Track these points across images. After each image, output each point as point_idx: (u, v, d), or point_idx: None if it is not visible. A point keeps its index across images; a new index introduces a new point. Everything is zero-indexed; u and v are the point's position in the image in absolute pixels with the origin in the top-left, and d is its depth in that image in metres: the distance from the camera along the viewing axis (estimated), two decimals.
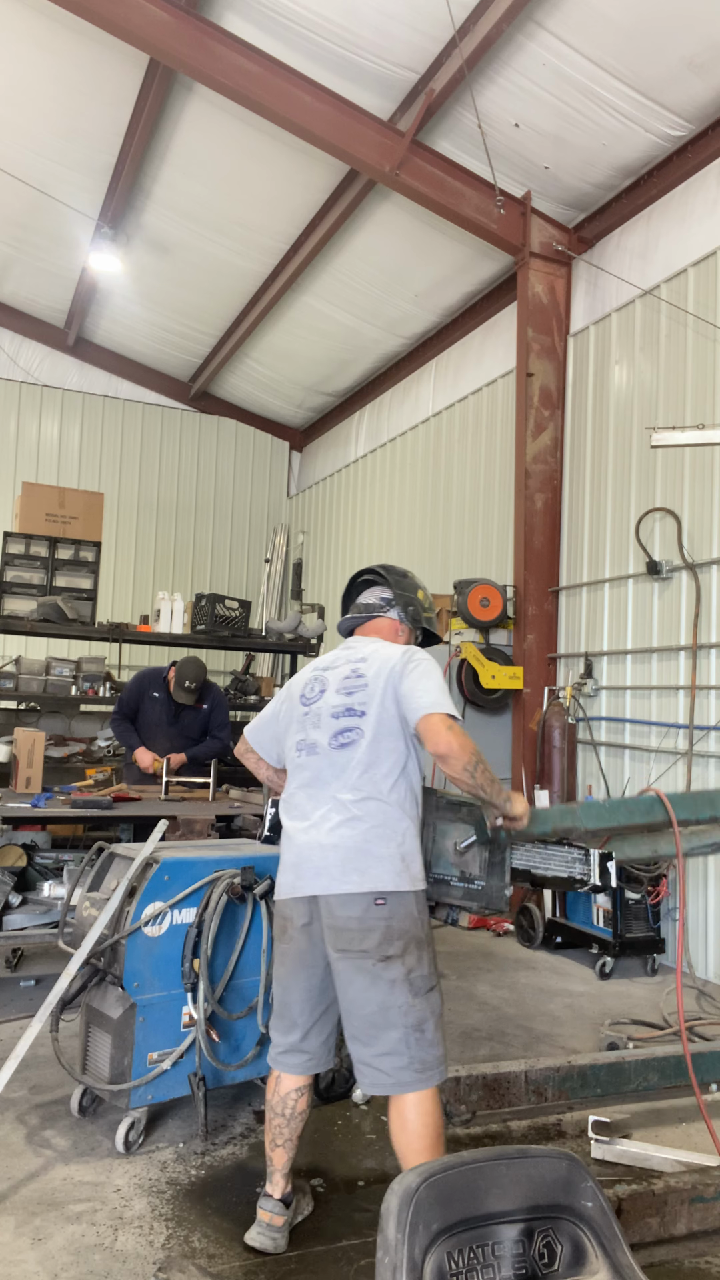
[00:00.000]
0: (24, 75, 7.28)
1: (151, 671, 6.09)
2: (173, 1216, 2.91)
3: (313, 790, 2.77)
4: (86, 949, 3.34)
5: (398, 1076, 2.61)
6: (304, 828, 2.74)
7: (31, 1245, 2.73)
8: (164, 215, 8.71)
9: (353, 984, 2.62)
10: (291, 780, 2.88)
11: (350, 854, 2.63)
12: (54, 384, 11.81)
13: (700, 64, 5.76)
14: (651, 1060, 3.66)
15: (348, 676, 2.84)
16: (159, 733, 5.91)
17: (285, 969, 2.81)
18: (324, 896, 2.65)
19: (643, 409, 6.71)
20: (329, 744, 2.77)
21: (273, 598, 12.80)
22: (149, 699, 5.92)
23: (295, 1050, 2.80)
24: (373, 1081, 2.64)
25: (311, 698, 2.88)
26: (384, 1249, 1.72)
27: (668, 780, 6.14)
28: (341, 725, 2.77)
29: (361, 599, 3.17)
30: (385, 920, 2.60)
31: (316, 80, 6.59)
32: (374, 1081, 2.63)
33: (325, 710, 2.82)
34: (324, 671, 2.93)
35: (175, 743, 5.89)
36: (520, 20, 5.75)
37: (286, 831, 2.81)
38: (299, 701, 2.92)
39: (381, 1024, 2.60)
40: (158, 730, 5.91)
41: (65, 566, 7.78)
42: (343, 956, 2.62)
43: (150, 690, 5.94)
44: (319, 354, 10.73)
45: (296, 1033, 2.79)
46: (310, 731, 2.83)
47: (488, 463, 8.57)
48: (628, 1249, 1.84)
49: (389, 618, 3.09)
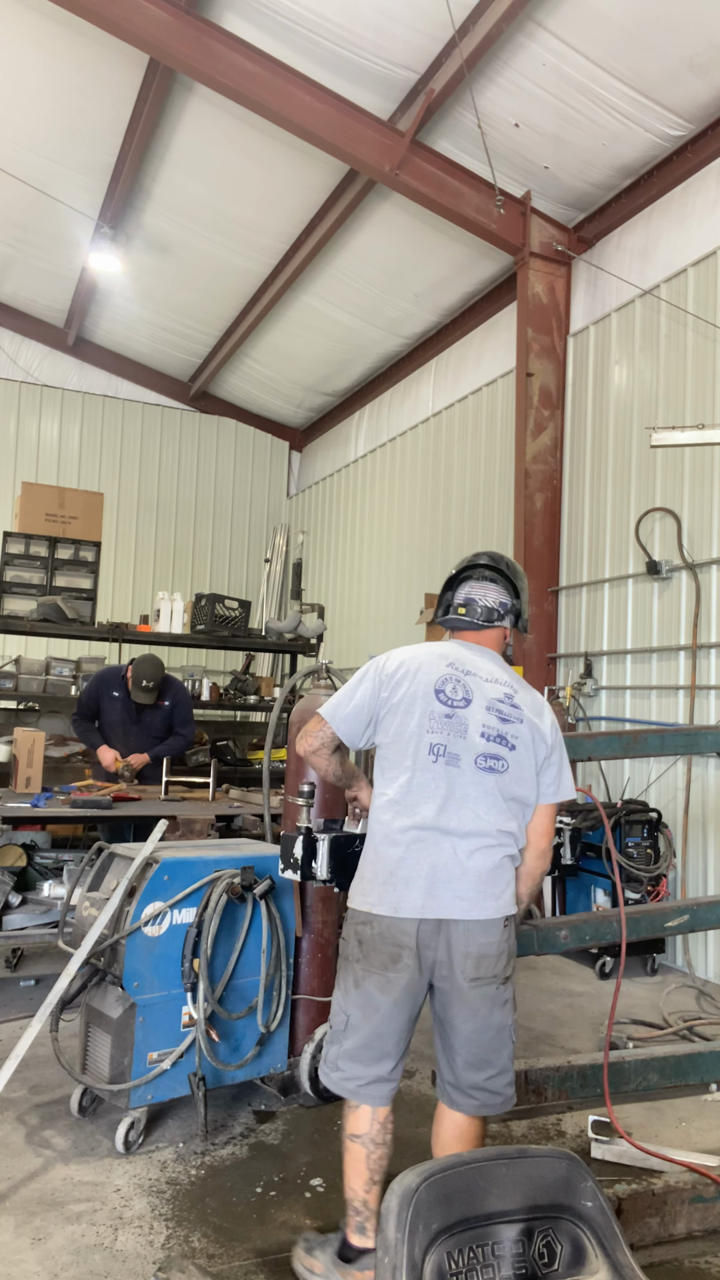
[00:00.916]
0: (24, 75, 7.28)
1: (110, 671, 6.07)
2: (173, 1216, 2.91)
3: (449, 804, 2.54)
4: (86, 949, 3.34)
5: (505, 1094, 2.61)
6: (434, 842, 2.52)
7: (31, 1245, 2.73)
8: (164, 215, 8.71)
9: (478, 1012, 2.52)
10: (413, 781, 2.57)
11: (487, 878, 2.52)
12: (54, 384, 11.81)
13: (700, 64, 5.76)
14: (651, 1060, 3.66)
15: (501, 701, 2.65)
16: (122, 731, 5.88)
17: (389, 998, 2.52)
18: (463, 921, 2.50)
19: (643, 409, 6.71)
20: (474, 762, 2.57)
21: (272, 598, 12.80)
22: (109, 698, 5.88)
23: (384, 1080, 2.58)
24: (483, 1103, 2.58)
25: (454, 700, 2.62)
26: (384, 1249, 1.72)
27: (667, 780, 6.15)
28: (491, 750, 2.59)
29: (480, 598, 2.82)
30: (508, 942, 2.57)
31: (316, 80, 6.59)
32: (484, 1103, 2.58)
33: (474, 724, 2.60)
34: (465, 675, 2.66)
35: (139, 741, 5.86)
36: (520, 20, 5.75)
37: (404, 840, 2.53)
38: (435, 697, 2.61)
39: (498, 1045, 2.57)
40: (120, 729, 5.88)
41: (65, 566, 7.78)
42: (476, 985, 2.50)
43: (110, 690, 5.89)
44: (319, 354, 10.73)
45: (388, 1063, 2.57)
46: (452, 738, 2.58)
47: (488, 463, 8.57)
48: (628, 1249, 1.84)
49: (504, 627, 2.86)
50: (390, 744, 2.63)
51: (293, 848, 2.79)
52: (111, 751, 5.76)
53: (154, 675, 5.75)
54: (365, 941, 2.55)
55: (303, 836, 2.78)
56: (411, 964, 2.50)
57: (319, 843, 2.78)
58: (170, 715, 5.98)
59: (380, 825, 2.59)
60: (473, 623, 2.81)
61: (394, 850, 2.53)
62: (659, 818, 5.86)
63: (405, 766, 2.58)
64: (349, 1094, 2.58)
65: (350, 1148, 2.57)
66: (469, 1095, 2.58)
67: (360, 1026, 2.56)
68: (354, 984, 2.57)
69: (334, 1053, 2.61)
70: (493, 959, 2.51)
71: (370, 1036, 2.55)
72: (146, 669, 5.75)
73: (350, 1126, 2.58)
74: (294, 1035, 3.76)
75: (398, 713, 2.62)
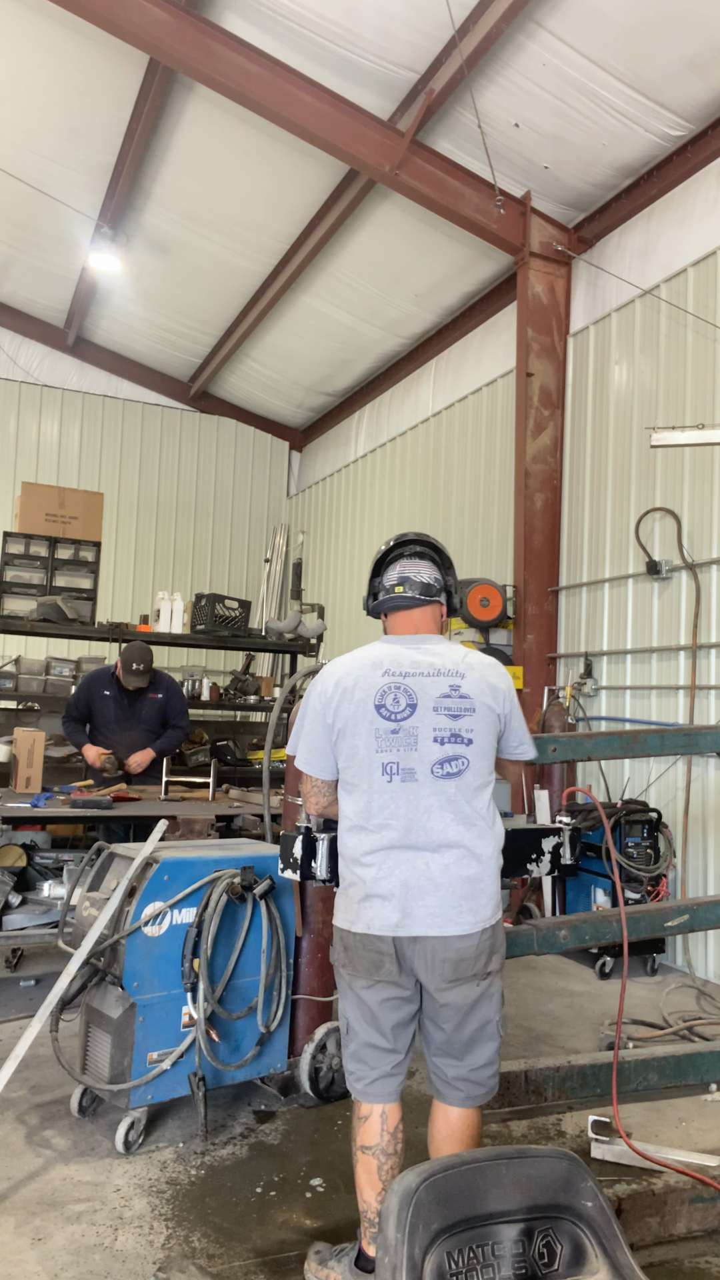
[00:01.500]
0: (24, 75, 7.28)
1: (98, 671, 6.09)
2: (173, 1216, 2.91)
3: (412, 820, 2.51)
4: (86, 949, 3.34)
5: (489, 1085, 2.63)
6: (405, 859, 2.50)
7: (31, 1245, 2.73)
8: (164, 215, 8.71)
9: (460, 1008, 2.53)
10: (372, 804, 2.54)
11: (464, 894, 2.50)
12: (54, 384, 11.81)
13: (700, 64, 5.76)
14: (651, 1060, 3.67)
15: (447, 695, 2.55)
16: (117, 728, 5.87)
17: (377, 999, 2.54)
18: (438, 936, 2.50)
19: (643, 409, 6.71)
20: (431, 772, 2.52)
21: (272, 597, 12.80)
22: (100, 698, 5.88)
23: (387, 1077, 2.58)
24: (468, 1095, 2.60)
25: (398, 713, 2.53)
26: (384, 1249, 1.72)
27: (667, 780, 6.15)
28: (447, 753, 2.53)
29: (415, 574, 2.71)
30: (491, 941, 2.57)
31: (316, 80, 6.59)
32: (469, 1095, 2.60)
33: (424, 733, 2.53)
34: (403, 679, 2.56)
35: (134, 736, 5.86)
36: (520, 20, 5.75)
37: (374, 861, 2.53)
38: (377, 714, 2.53)
39: (481, 1038, 2.58)
40: (115, 726, 5.87)
41: (65, 566, 7.77)
42: (454, 985, 2.51)
43: (100, 689, 5.89)
44: (319, 354, 10.73)
45: (396, 1056, 2.59)
46: (403, 753, 2.52)
47: (488, 463, 8.57)
48: (628, 1249, 1.84)
49: (439, 603, 2.74)
50: (345, 767, 2.60)
51: (292, 847, 2.79)
52: (95, 748, 5.75)
53: (142, 658, 5.76)
54: (350, 948, 2.58)
55: (302, 836, 2.78)
56: (393, 969, 2.52)
57: (319, 842, 2.78)
58: (164, 708, 5.97)
59: (348, 848, 2.59)
60: (414, 599, 2.69)
61: (366, 871, 2.53)
62: (659, 818, 5.86)
63: (362, 790, 2.55)
64: (358, 1094, 2.60)
65: (362, 1159, 2.56)
66: (454, 1087, 2.61)
67: (358, 1028, 2.59)
68: (347, 987, 2.61)
69: (344, 1056, 2.67)
70: (471, 960, 2.52)
71: (368, 1036, 2.58)
72: (134, 653, 5.76)
73: (361, 1138, 2.57)
74: (294, 1035, 3.76)
75: (345, 735, 2.57)
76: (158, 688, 5.96)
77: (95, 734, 5.92)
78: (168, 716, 5.99)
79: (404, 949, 2.51)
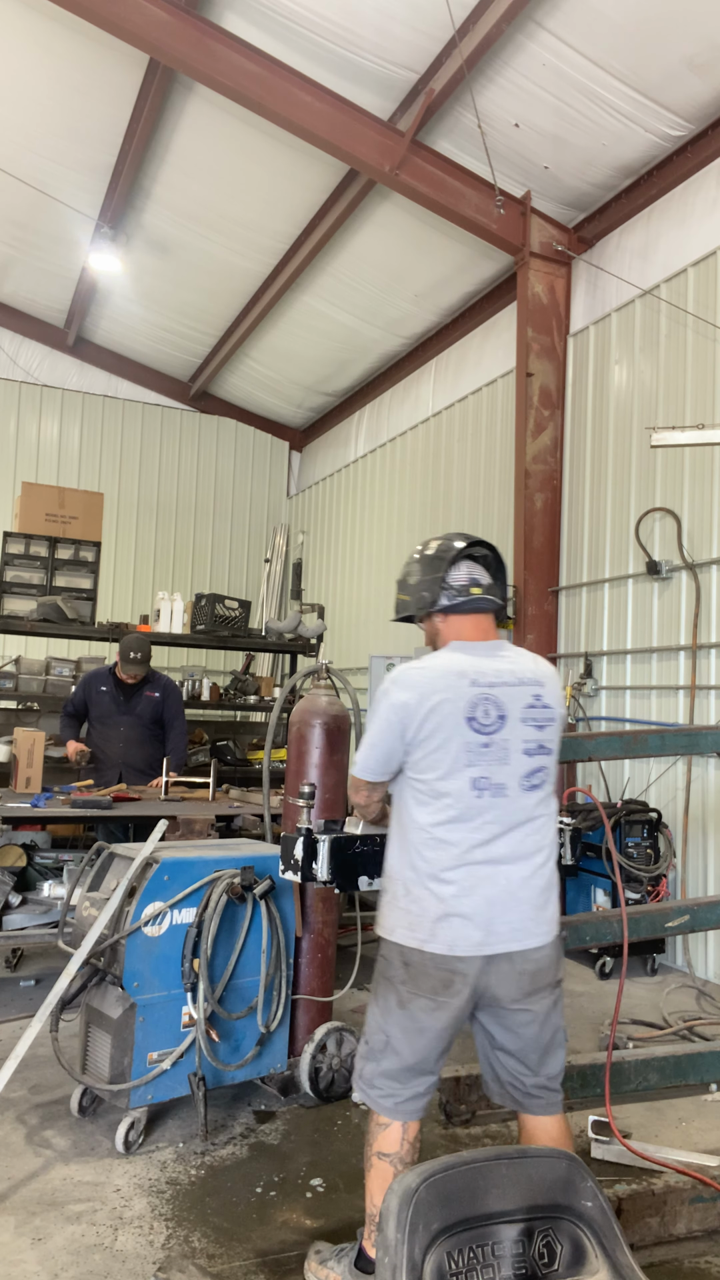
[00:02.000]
0: (24, 75, 7.27)
1: (96, 670, 6.21)
2: (173, 1216, 2.91)
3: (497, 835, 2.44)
4: (86, 949, 3.34)
5: (561, 1090, 2.62)
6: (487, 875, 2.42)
7: (31, 1245, 2.73)
8: (164, 215, 8.71)
9: (537, 1017, 2.49)
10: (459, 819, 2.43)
11: (540, 904, 2.48)
12: (54, 384, 11.81)
13: (700, 64, 5.76)
14: (651, 1060, 3.66)
15: (532, 705, 2.50)
16: (115, 723, 5.95)
17: (438, 1022, 2.43)
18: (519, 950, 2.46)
19: (643, 409, 6.71)
20: (519, 785, 2.46)
21: (273, 598, 12.80)
22: (97, 694, 5.98)
23: (421, 1096, 2.53)
24: (548, 1103, 2.58)
25: (489, 725, 2.44)
26: (384, 1249, 1.72)
27: (667, 780, 6.15)
28: (535, 765, 2.48)
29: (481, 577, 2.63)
30: (560, 949, 2.56)
31: (316, 80, 6.59)
32: (549, 1103, 2.58)
33: (514, 745, 2.45)
34: (490, 690, 2.47)
35: (132, 731, 5.94)
36: (520, 20, 5.75)
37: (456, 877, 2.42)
38: (468, 727, 2.43)
39: (553, 1045, 2.56)
40: (112, 721, 5.96)
41: (65, 566, 7.77)
42: (531, 996, 2.47)
43: (97, 686, 5.99)
44: (319, 354, 10.73)
45: (428, 1079, 2.52)
46: (494, 768, 2.43)
47: (488, 463, 8.57)
48: (628, 1249, 1.84)
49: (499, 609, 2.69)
50: (425, 778, 2.46)
51: (293, 849, 2.79)
52: (74, 744, 5.86)
53: (140, 647, 5.83)
54: (412, 965, 2.43)
55: (303, 838, 2.78)
56: (464, 988, 2.42)
57: (319, 844, 2.78)
58: (160, 706, 6.03)
59: (426, 862, 2.44)
60: (491, 602, 2.62)
61: (446, 888, 2.41)
62: (659, 818, 5.86)
63: (447, 804, 2.43)
64: (385, 1110, 2.51)
65: (377, 1164, 2.52)
66: (535, 1095, 2.57)
67: (402, 1048, 2.47)
68: (397, 1004, 2.46)
69: (370, 1070, 2.53)
70: (546, 969, 2.50)
71: (413, 1057, 2.47)
72: (133, 642, 5.84)
73: (379, 1144, 2.51)
74: (294, 1035, 3.76)
75: (426, 747, 2.44)
76: (154, 686, 6.03)
77: (92, 729, 5.99)
78: (163, 714, 6.02)
79: (480, 966, 2.43)
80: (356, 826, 2.87)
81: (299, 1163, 3.28)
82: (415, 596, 2.65)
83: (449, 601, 2.61)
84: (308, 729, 3.80)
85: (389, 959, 2.50)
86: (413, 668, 2.53)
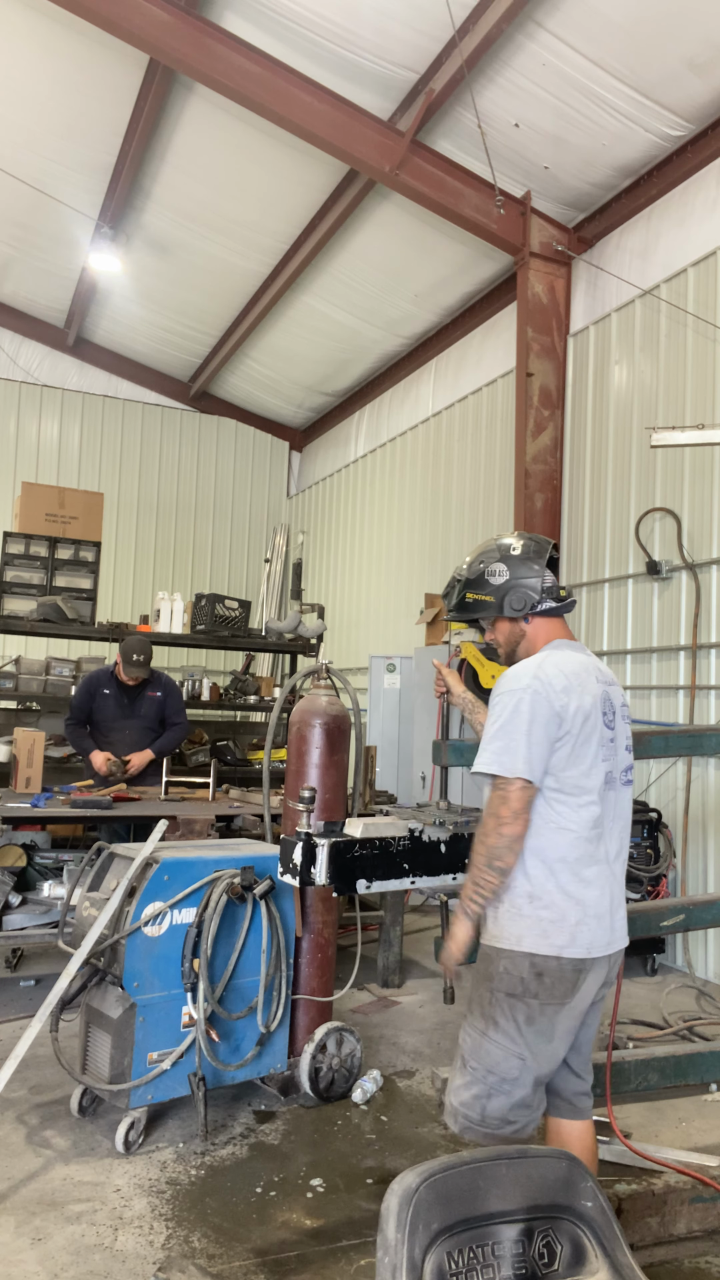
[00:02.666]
0: (24, 75, 7.28)
1: (97, 671, 6.15)
2: (173, 1216, 2.91)
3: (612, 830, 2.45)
4: (86, 949, 3.34)
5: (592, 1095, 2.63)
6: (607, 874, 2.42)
7: (31, 1245, 2.73)
8: (164, 215, 8.71)
9: (598, 1008, 2.52)
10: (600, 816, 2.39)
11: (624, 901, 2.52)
12: (54, 384, 11.82)
13: (700, 64, 5.76)
14: (651, 1060, 3.66)
15: (624, 704, 2.57)
16: (118, 726, 5.93)
17: (567, 1024, 2.38)
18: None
19: (643, 409, 6.71)
20: (621, 780, 2.49)
21: (273, 598, 12.80)
22: (100, 697, 5.95)
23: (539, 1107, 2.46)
24: (589, 1105, 2.59)
25: (610, 720, 2.46)
26: (384, 1249, 1.72)
27: (667, 780, 6.15)
28: (630, 760, 2.55)
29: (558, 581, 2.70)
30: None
31: (316, 80, 6.59)
32: (590, 1105, 2.59)
33: (621, 740, 2.50)
34: (608, 686, 2.51)
35: (135, 733, 5.91)
36: (520, 20, 5.75)
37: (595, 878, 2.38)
38: (602, 722, 2.42)
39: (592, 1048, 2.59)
40: (116, 724, 5.93)
41: (65, 566, 7.78)
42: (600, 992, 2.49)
43: (100, 689, 5.96)
44: (319, 354, 10.73)
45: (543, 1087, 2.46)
46: (613, 762, 2.46)
47: (488, 463, 8.57)
48: (628, 1249, 1.84)
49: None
50: (570, 773, 2.36)
51: (292, 853, 2.77)
52: (103, 754, 5.76)
53: (142, 649, 5.81)
54: (547, 973, 2.33)
55: (303, 842, 2.76)
56: (584, 986, 2.39)
57: (319, 848, 2.76)
58: (162, 705, 6.02)
59: (565, 865, 2.35)
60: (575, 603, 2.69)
61: (587, 891, 2.35)
62: (659, 818, 5.87)
63: (589, 801, 2.36)
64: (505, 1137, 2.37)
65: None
66: (576, 1101, 2.57)
67: (535, 1066, 2.36)
68: (526, 1021, 2.34)
69: (498, 1107, 2.36)
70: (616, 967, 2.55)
71: (548, 1067, 2.40)
72: (134, 644, 5.82)
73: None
74: (294, 1035, 3.76)
75: (572, 741, 2.35)
76: (156, 686, 6.03)
77: (94, 731, 5.97)
78: (166, 714, 6.03)
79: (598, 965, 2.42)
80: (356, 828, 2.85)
81: (299, 1163, 3.28)
82: (513, 596, 2.60)
83: (554, 603, 2.61)
84: (308, 729, 3.80)
85: (513, 972, 2.34)
86: (545, 660, 2.44)
